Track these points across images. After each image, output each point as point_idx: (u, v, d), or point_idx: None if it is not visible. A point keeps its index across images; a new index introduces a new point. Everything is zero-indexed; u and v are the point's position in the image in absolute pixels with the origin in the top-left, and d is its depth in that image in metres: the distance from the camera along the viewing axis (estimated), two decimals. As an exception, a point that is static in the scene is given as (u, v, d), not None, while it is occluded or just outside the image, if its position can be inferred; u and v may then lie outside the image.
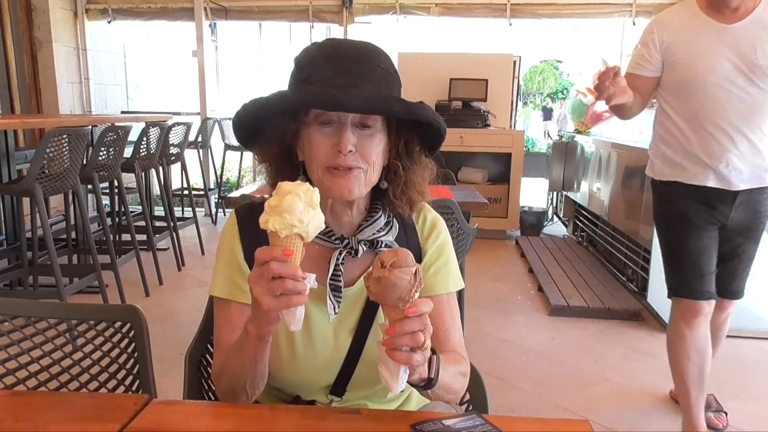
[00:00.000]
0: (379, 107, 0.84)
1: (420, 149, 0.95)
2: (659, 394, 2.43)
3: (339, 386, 0.94)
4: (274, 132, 0.90)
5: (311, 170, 0.89)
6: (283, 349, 0.93)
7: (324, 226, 0.73)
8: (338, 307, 0.90)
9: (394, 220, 0.97)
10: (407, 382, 0.76)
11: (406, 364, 0.73)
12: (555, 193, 5.74)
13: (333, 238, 0.92)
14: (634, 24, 5.20)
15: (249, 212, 0.95)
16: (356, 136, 0.86)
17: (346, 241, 0.92)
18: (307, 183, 0.72)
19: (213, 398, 1.18)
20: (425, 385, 0.79)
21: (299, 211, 0.69)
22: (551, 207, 5.83)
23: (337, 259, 0.91)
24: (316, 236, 0.78)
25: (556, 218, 5.77)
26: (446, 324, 0.95)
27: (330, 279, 0.90)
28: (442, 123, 0.91)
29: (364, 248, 0.92)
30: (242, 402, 0.88)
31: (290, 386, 0.96)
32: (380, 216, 0.94)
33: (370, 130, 0.87)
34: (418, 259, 0.96)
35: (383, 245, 0.93)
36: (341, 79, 0.84)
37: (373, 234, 0.93)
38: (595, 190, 4.40)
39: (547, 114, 14.55)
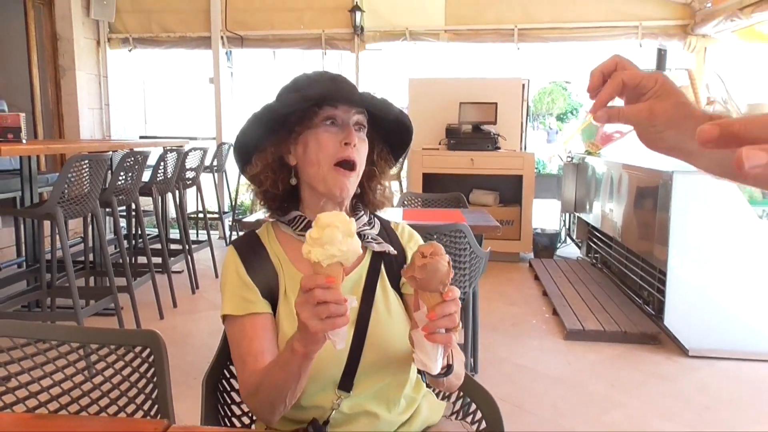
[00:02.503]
0: (386, 107, 1.01)
1: (389, 157, 1.11)
2: (679, 420, 2.39)
3: (347, 379, 0.98)
4: (266, 143, 1.04)
5: (314, 166, 1.00)
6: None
7: (361, 251, 0.79)
8: None
9: (375, 219, 1.11)
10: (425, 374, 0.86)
11: (446, 344, 0.82)
12: (567, 215, 5.72)
13: None
14: (640, 46, 5.24)
15: (245, 241, 1.07)
16: (356, 137, 1.00)
17: None
18: (344, 213, 0.79)
19: (229, 424, 1.19)
20: (446, 372, 0.89)
21: (338, 242, 0.75)
22: (564, 228, 5.80)
23: None
24: None
25: (569, 240, 5.74)
26: None
27: None
28: (412, 131, 1.09)
29: None
30: (279, 412, 0.93)
31: None
32: (363, 214, 1.08)
33: (363, 132, 1.03)
34: (402, 258, 1.08)
35: (370, 237, 1.04)
36: (342, 85, 1.01)
37: (360, 228, 1.04)
38: (607, 211, 4.38)
39: (552, 136, 14.35)
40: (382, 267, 1.05)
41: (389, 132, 1.09)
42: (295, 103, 0.99)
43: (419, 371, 1.09)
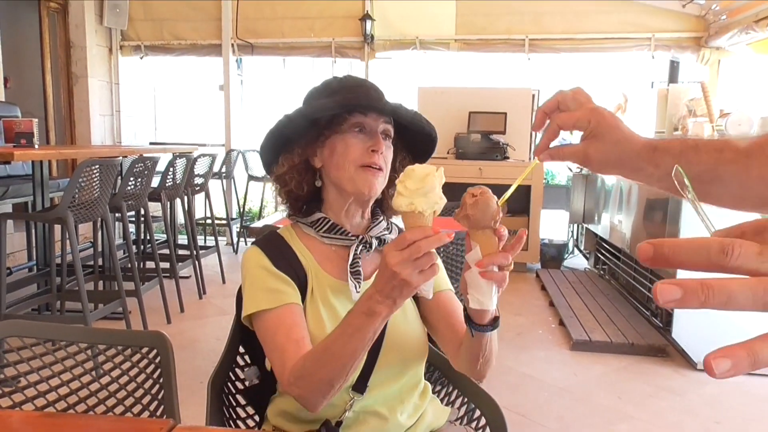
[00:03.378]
0: (419, 120, 1.05)
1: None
2: (686, 434, 2.37)
3: (362, 380, 0.99)
4: (293, 145, 1.06)
5: (340, 169, 1.02)
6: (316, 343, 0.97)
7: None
8: (359, 286, 1.00)
9: (393, 225, 1.14)
10: (479, 327, 0.91)
11: (500, 281, 0.82)
12: (576, 226, 5.70)
13: (349, 235, 1.06)
14: (653, 57, 5.23)
15: (269, 240, 1.08)
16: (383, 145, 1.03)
17: (361, 237, 1.06)
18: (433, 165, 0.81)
19: (234, 426, 1.20)
20: (494, 324, 0.93)
21: (438, 188, 0.78)
22: (572, 239, 5.78)
23: (356, 250, 1.05)
24: (334, 237, 1.02)
25: (577, 251, 5.72)
26: (459, 312, 1.06)
27: (350, 266, 1.02)
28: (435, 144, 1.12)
29: (376, 243, 1.06)
30: (335, 391, 0.90)
31: None
32: (383, 219, 1.11)
33: (389, 141, 1.05)
34: None
35: (388, 242, 1.06)
36: (370, 96, 1.03)
37: (381, 232, 1.08)
38: (616, 222, 4.36)
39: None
40: None
41: (412, 140, 1.11)
42: (328, 108, 1.02)
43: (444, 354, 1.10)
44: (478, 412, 1.16)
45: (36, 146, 3.10)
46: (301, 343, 0.94)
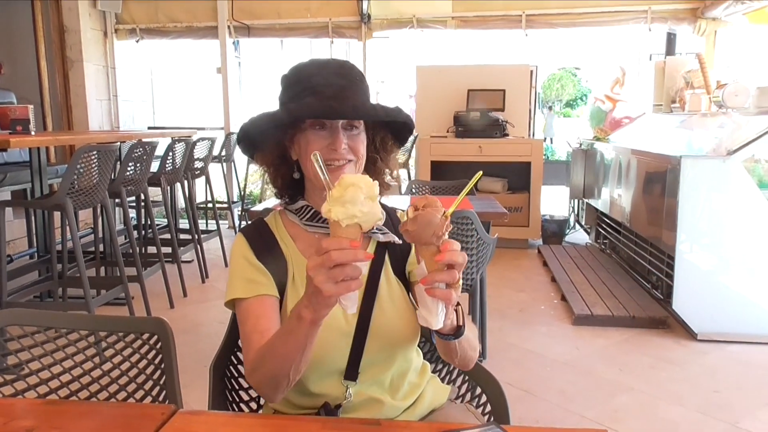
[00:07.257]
0: (366, 114, 1.01)
1: (392, 143, 1.11)
2: (687, 404, 2.39)
3: (352, 368, 0.99)
4: (271, 139, 1.06)
5: (307, 165, 1.02)
6: None
7: (381, 217, 0.77)
8: None
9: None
10: (440, 335, 0.87)
11: (445, 299, 0.79)
12: (576, 201, 5.69)
13: None
14: (650, 30, 5.17)
15: (254, 228, 1.09)
16: (346, 136, 1.01)
17: None
18: (368, 176, 0.78)
19: (237, 409, 1.21)
20: (456, 333, 0.89)
21: (360, 202, 0.74)
22: (573, 215, 5.78)
23: None
24: (316, 225, 1.01)
25: (578, 226, 5.72)
26: None
27: None
28: (412, 121, 1.09)
29: None
30: (282, 389, 0.91)
31: (306, 370, 0.99)
32: None
33: (356, 130, 1.03)
34: (407, 248, 1.08)
35: (375, 228, 1.01)
36: (329, 90, 0.99)
37: None
38: (616, 196, 4.35)
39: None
40: (387, 257, 1.05)
41: (389, 120, 1.07)
42: (276, 119, 1.00)
43: (425, 338, 1.09)
44: (479, 390, 1.17)
45: (32, 133, 3.09)
46: (265, 334, 0.94)
